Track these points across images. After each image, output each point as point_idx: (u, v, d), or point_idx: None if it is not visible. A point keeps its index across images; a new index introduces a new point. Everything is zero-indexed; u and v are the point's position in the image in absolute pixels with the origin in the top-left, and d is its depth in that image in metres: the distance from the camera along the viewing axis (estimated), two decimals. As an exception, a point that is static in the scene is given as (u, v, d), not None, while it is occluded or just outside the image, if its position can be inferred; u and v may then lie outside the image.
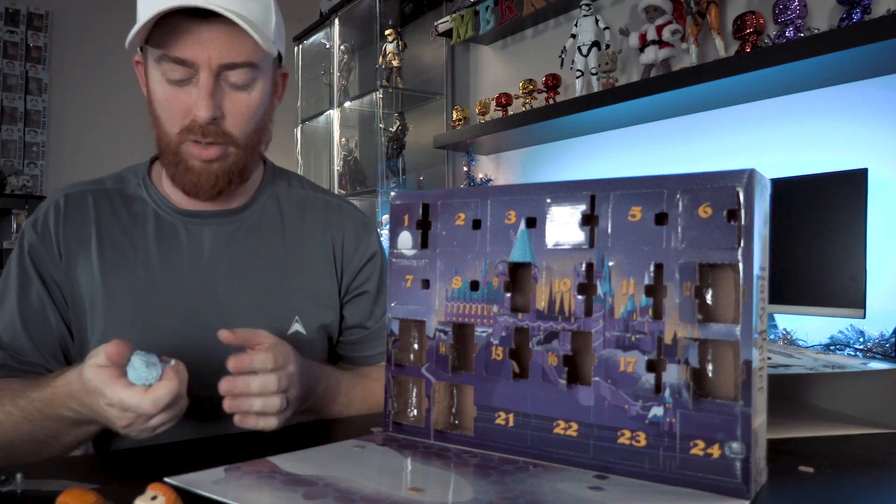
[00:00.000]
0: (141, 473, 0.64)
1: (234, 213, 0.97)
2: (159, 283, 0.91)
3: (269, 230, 0.98)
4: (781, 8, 1.66)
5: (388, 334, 0.74)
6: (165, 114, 0.86)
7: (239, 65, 0.83)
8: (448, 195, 0.71)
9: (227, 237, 0.95)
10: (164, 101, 0.85)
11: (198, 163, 0.87)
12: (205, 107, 0.82)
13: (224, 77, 0.84)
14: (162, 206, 0.95)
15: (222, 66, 0.83)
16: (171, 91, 0.84)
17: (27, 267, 0.90)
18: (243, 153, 0.89)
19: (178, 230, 0.94)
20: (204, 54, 0.81)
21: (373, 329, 1.03)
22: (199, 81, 0.83)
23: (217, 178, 0.88)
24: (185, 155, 0.87)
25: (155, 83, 0.86)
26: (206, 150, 0.86)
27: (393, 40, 3.01)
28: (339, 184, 3.38)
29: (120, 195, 0.96)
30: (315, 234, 1.00)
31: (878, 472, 0.64)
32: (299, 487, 0.55)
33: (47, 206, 0.94)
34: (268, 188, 1.01)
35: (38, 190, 3.73)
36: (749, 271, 0.55)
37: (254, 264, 0.95)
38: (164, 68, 0.83)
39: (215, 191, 0.89)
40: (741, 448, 0.54)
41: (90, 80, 3.87)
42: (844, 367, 0.79)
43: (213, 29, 0.81)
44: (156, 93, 0.86)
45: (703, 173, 0.57)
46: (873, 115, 1.62)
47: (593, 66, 2.15)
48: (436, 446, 0.69)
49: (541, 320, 0.64)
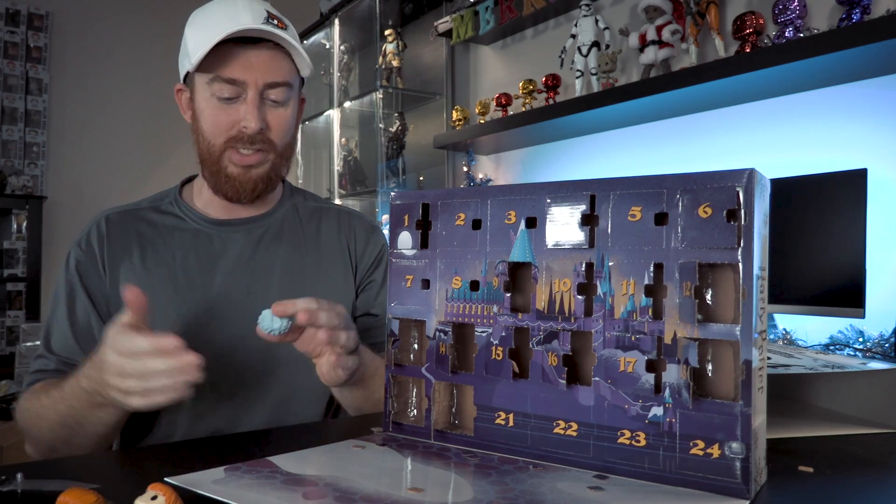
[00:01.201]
0: (141, 473, 0.64)
1: (260, 220, 1.08)
2: (196, 283, 1.00)
3: (290, 234, 1.09)
4: (781, 8, 1.66)
5: (388, 334, 0.74)
6: (212, 128, 0.98)
7: (279, 84, 0.97)
8: (448, 195, 0.71)
9: (255, 241, 1.06)
10: (212, 117, 0.97)
11: (237, 169, 0.99)
12: (254, 119, 0.95)
13: (266, 94, 0.97)
14: (195, 219, 1.05)
15: (266, 84, 0.96)
16: (219, 108, 0.96)
17: (74, 282, 1.00)
18: (279, 160, 1.02)
19: (211, 237, 1.04)
20: (252, 75, 0.95)
21: (380, 315, 1.12)
22: (247, 98, 0.95)
23: (256, 182, 1.00)
24: (225, 163, 0.99)
25: (203, 102, 0.98)
26: (247, 157, 0.98)
27: (393, 40, 3.01)
28: (339, 184, 3.38)
29: (156, 211, 1.06)
30: (331, 237, 1.11)
31: (878, 472, 0.64)
32: (299, 487, 0.55)
33: (90, 227, 1.04)
34: (287, 200, 1.13)
35: (38, 190, 3.73)
36: (749, 271, 0.55)
37: (278, 264, 1.06)
38: (215, 88, 0.95)
39: (255, 194, 1.01)
40: (741, 448, 0.54)
41: (90, 80, 3.87)
42: (844, 367, 0.79)
43: (259, 54, 0.95)
44: (203, 111, 0.98)
45: (703, 173, 0.57)
46: (873, 115, 1.62)
47: (593, 67, 2.15)
48: (436, 446, 0.69)
49: (541, 320, 0.64)
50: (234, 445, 0.76)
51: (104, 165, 3.85)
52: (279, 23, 0.96)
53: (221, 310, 1.00)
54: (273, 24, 0.95)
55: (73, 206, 3.74)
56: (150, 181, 3.38)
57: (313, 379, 1.01)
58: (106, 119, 3.88)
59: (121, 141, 3.89)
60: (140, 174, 3.80)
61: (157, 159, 3.83)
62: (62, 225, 3.69)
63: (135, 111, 3.90)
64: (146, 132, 3.89)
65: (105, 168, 3.85)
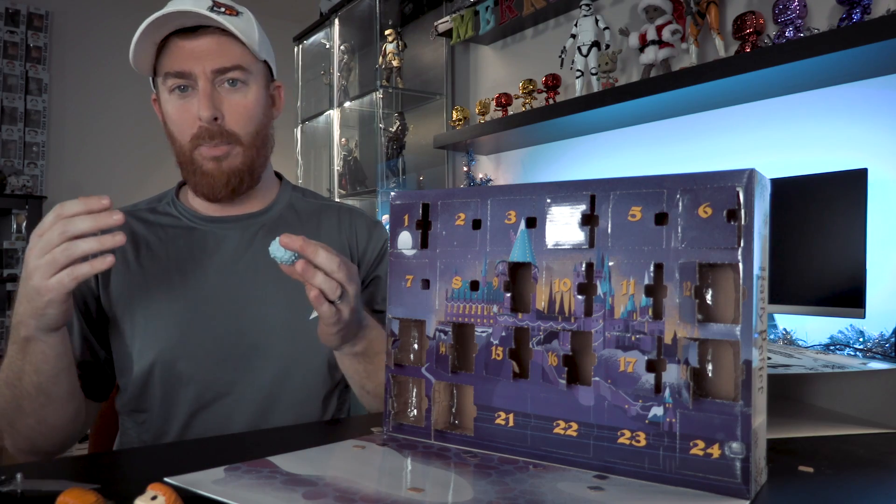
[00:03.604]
0: (141, 473, 0.64)
1: (255, 216, 1.07)
2: (190, 279, 1.00)
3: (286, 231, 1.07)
4: (781, 8, 1.66)
5: (388, 334, 0.74)
6: (177, 127, 0.98)
7: (229, 69, 0.96)
8: (448, 195, 0.71)
9: (250, 238, 1.05)
10: (175, 116, 0.98)
11: (210, 164, 0.98)
12: (204, 107, 0.94)
13: (219, 82, 0.96)
14: (190, 217, 1.06)
15: (215, 71, 0.95)
16: (178, 105, 0.97)
17: None
18: (249, 152, 1.00)
19: (206, 235, 1.04)
20: (199, 64, 0.94)
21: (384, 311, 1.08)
22: (198, 89, 0.95)
23: (229, 177, 0.99)
24: (198, 160, 0.98)
25: (165, 104, 0.98)
26: (214, 149, 0.97)
27: (393, 40, 3.00)
28: (339, 184, 3.38)
29: (152, 213, 1.07)
30: (331, 234, 1.10)
31: (878, 472, 0.64)
32: (299, 487, 0.55)
33: None
34: (284, 197, 1.12)
35: (38, 190, 3.73)
36: (749, 271, 0.55)
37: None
38: (169, 84, 0.96)
39: (229, 189, 1.00)
40: (741, 448, 0.54)
41: (90, 80, 3.87)
42: (844, 367, 0.79)
43: (203, 41, 0.95)
44: (168, 112, 0.99)
45: (703, 173, 0.57)
46: (873, 115, 1.62)
47: (593, 66, 2.15)
48: (436, 446, 0.69)
49: (541, 320, 0.64)
50: (234, 445, 0.76)
51: (104, 165, 3.86)
52: (228, 10, 0.95)
53: (216, 306, 1.00)
54: (220, 11, 0.93)
55: (73, 206, 3.74)
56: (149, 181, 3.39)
57: (311, 375, 1.01)
58: (106, 119, 3.88)
59: (121, 141, 3.90)
60: (140, 174, 3.80)
61: (157, 159, 3.83)
62: (62, 225, 3.69)
63: (135, 111, 3.90)
64: (146, 132, 3.89)
65: (105, 168, 3.85)
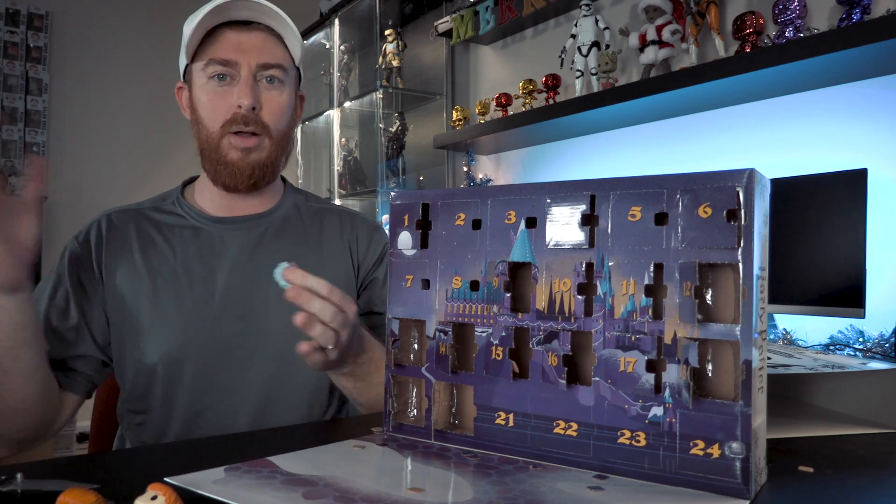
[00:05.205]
0: (141, 473, 0.64)
1: (262, 217, 1.08)
2: (197, 280, 1.01)
3: (291, 232, 1.10)
4: (781, 8, 1.66)
5: (388, 334, 0.74)
6: (209, 113, 1.00)
7: (272, 66, 1.00)
8: (448, 195, 0.71)
9: (256, 238, 1.06)
10: (209, 102, 1.00)
11: (236, 153, 1.00)
12: (247, 96, 0.98)
13: (260, 77, 1.00)
14: (196, 217, 1.06)
15: (259, 65, 0.99)
16: (215, 92, 1.00)
17: (63, 272, 1.01)
18: (275, 148, 1.03)
19: (212, 235, 1.05)
20: (245, 56, 0.99)
21: (383, 313, 1.12)
22: (240, 79, 0.99)
23: (253, 169, 1.01)
24: (224, 148, 1.00)
25: (200, 90, 1.01)
26: (245, 140, 1.00)
27: (393, 40, 3.01)
28: (339, 184, 3.38)
29: (158, 211, 1.08)
30: (333, 237, 1.12)
31: (878, 472, 0.64)
32: (299, 487, 0.55)
33: (91, 224, 1.05)
34: (288, 199, 1.14)
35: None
36: (749, 271, 0.55)
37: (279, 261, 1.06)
38: (210, 71, 0.99)
39: (251, 181, 1.02)
40: (741, 448, 0.54)
41: (90, 80, 3.87)
42: (844, 367, 0.79)
43: (251, 36, 1.00)
44: (200, 99, 1.01)
45: (703, 173, 0.57)
46: (873, 115, 1.62)
47: (593, 67, 2.15)
48: (436, 446, 0.69)
49: (541, 320, 0.64)
50: (234, 445, 0.76)
51: (104, 165, 3.85)
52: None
53: (221, 307, 1.00)
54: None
55: (73, 206, 3.74)
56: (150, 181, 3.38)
57: (311, 376, 1.02)
58: (106, 119, 3.88)
59: (121, 141, 3.89)
60: (140, 174, 3.80)
61: (158, 159, 3.83)
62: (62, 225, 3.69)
63: (135, 111, 3.90)
64: (146, 132, 3.89)
65: (105, 168, 3.85)
